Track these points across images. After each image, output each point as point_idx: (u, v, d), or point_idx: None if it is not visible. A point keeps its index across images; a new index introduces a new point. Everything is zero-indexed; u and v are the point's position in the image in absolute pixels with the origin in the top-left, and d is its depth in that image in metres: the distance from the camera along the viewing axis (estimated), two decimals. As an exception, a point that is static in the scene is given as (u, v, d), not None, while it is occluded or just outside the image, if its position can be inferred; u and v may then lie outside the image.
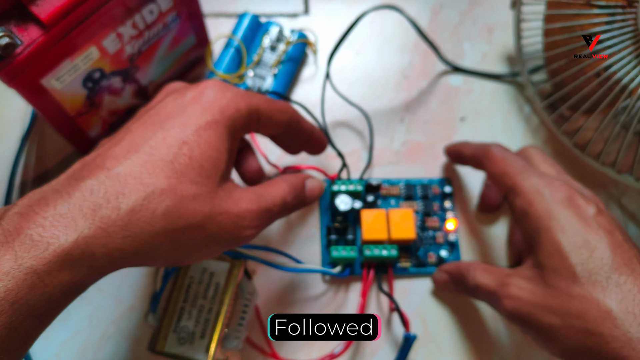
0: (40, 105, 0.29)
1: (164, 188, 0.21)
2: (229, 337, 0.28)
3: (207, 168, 0.23)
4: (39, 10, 0.25)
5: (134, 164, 0.21)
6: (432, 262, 0.34)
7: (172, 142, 0.22)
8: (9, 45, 0.25)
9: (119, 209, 0.20)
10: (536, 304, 0.25)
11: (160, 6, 0.31)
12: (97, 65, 0.30)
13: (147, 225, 0.21)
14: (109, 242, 0.20)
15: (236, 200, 0.24)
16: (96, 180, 0.21)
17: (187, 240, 0.22)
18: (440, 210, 0.36)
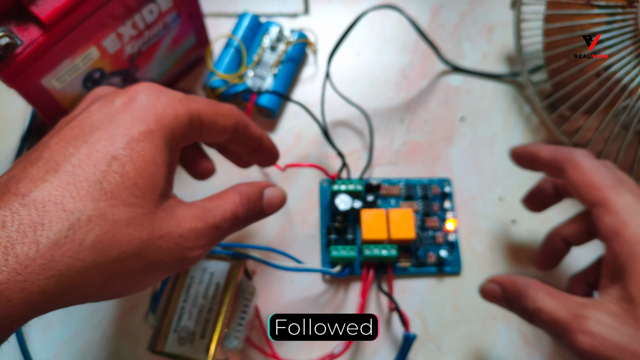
0: (40, 106, 0.29)
1: (92, 214, 0.18)
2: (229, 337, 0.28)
3: (142, 186, 0.20)
4: (39, 10, 0.25)
5: (53, 187, 0.18)
6: (432, 262, 0.34)
7: (100, 159, 0.19)
8: (9, 45, 0.25)
9: (37, 243, 0.17)
10: (622, 348, 0.21)
11: (160, 6, 0.31)
12: (97, 65, 0.30)
13: (74, 260, 0.17)
14: (27, 286, 0.17)
15: (179, 219, 0.21)
16: (8, 210, 0.17)
17: (124, 271, 0.19)
18: (440, 210, 0.36)
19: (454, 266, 0.34)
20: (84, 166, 0.19)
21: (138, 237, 0.19)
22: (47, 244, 0.17)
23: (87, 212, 0.18)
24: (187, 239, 0.21)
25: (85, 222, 0.18)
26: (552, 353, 0.32)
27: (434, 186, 0.36)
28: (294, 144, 0.38)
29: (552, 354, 0.32)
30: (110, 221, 0.18)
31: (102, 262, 0.18)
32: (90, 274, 0.18)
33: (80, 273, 0.18)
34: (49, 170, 0.19)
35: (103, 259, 0.18)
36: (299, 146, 0.38)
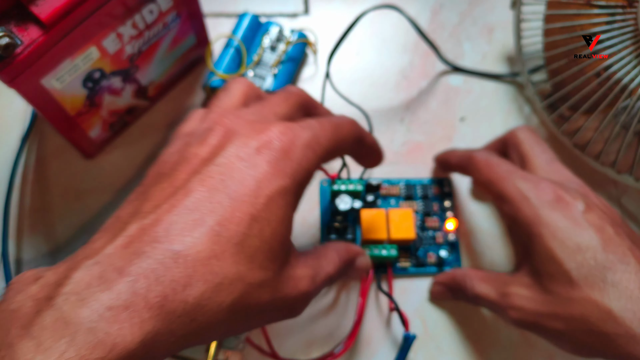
0: (40, 105, 0.29)
1: (233, 277, 0.19)
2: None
3: (275, 250, 0.20)
4: (39, 10, 0.25)
5: (201, 243, 0.18)
6: (432, 262, 0.34)
7: (242, 218, 0.19)
8: (9, 45, 0.25)
9: (185, 302, 0.18)
10: (540, 312, 0.26)
11: (160, 6, 0.31)
12: (97, 65, 0.30)
13: (212, 320, 0.19)
14: (171, 339, 0.18)
15: (296, 281, 0.22)
16: (161, 264, 0.18)
17: (244, 325, 0.21)
18: (440, 210, 0.36)
19: (454, 266, 0.34)
20: (227, 225, 0.19)
21: (264, 300, 0.20)
22: (193, 304, 0.18)
23: (229, 276, 0.19)
24: (299, 301, 0.22)
25: (227, 285, 0.19)
26: (552, 353, 0.32)
27: (434, 186, 0.36)
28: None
29: (552, 354, 0.32)
30: (246, 284, 0.19)
31: (232, 319, 0.19)
32: (219, 328, 0.19)
33: (212, 328, 0.19)
34: (196, 224, 0.19)
35: (234, 317, 0.19)
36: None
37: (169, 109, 0.38)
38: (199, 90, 0.39)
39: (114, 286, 0.17)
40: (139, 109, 0.37)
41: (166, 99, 0.38)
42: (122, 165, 0.36)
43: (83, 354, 0.16)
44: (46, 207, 0.35)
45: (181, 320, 0.18)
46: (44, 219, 0.35)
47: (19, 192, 0.35)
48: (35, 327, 0.16)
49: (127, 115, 0.36)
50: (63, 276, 0.18)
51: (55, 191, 0.36)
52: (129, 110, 0.36)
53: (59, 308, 0.16)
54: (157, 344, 0.17)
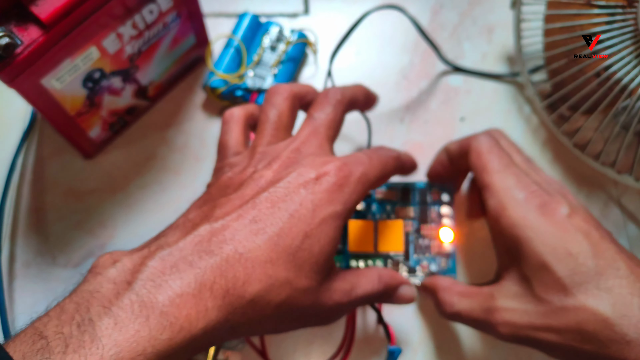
0: (40, 105, 0.29)
1: (283, 281, 0.22)
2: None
3: (321, 264, 0.23)
4: (39, 10, 0.25)
5: (261, 249, 0.22)
6: (425, 273, 0.32)
7: (298, 233, 0.23)
8: (9, 45, 0.25)
9: (242, 297, 0.21)
10: (533, 325, 0.25)
11: (160, 6, 0.31)
12: (97, 65, 0.30)
13: (260, 315, 0.21)
14: (227, 328, 0.21)
15: (332, 292, 0.24)
16: (226, 262, 0.21)
17: (284, 325, 0.24)
18: (438, 218, 0.33)
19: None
20: (285, 237, 0.22)
21: (306, 305, 0.23)
22: (248, 299, 0.21)
23: (280, 279, 0.22)
24: (332, 310, 0.25)
25: (278, 287, 0.22)
26: (552, 353, 0.32)
27: (433, 191, 0.34)
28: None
29: (552, 354, 0.32)
30: (293, 289, 0.22)
31: (277, 317, 0.22)
32: (265, 324, 0.22)
33: (260, 323, 0.22)
34: (259, 232, 0.22)
35: (278, 315, 0.22)
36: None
37: (169, 109, 0.38)
38: (199, 90, 0.39)
39: (185, 276, 0.20)
40: (139, 109, 0.37)
41: (166, 98, 0.38)
42: (122, 165, 0.36)
43: (154, 335, 0.18)
44: (45, 207, 0.35)
45: (236, 312, 0.20)
46: (43, 219, 0.35)
47: (18, 192, 0.35)
48: (114, 307, 0.18)
49: (127, 115, 0.36)
50: (139, 263, 0.20)
51: (55, 191, 0.36)
52: (129, 110, 0.36)
53: (136, 292, 0.19)
54: (217, 332, 0.20)
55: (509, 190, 0.27)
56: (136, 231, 0.35)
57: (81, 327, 0.18)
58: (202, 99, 0.39)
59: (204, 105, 0.39)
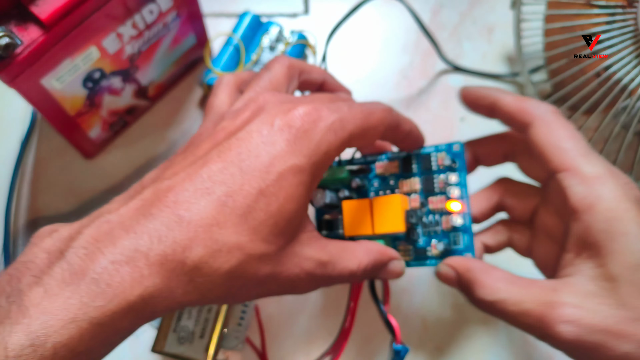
0: (40, 105, 0.29)
1: (232, 246, 0.20)
2: (229, 337, 0.28)
3: (281, 225, 0.21)
4: (38, 10, 0.25)
5: (205, 211, 0.19)
6: (435, 253, 0.27)
7: (250, 191, 0.20)
8: (9, 45, 0.25)
9: (183, 263, 0.19)
10: (607, 330, 0.20)
11: (160, 6, 0.31)
12: (97, 65, 0.30)
13: (207, 282, 0.20)
14: (170, 296, 0.19)
15: (301, 259, 0.22)
16: (166, 226, 0.19)
17: (242, 293, 0.21)
18: (447, 187, 0.27)
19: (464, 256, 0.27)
20: (235, 197, 0.20)
21: (263, 272, 0.21)
22: (190, 266, 0.19)
23: (228, 244, 0.19)
24: (301, 279, 0.22)
25: (226, 252, 0.19)
26: (552, 353, 0.32)
27: (440, 155, 0.28)
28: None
29: (552, 354, 0.32)
30: (246, 254, 0.20)
31: (228, 285, 0.20)
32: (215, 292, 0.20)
33: (209, 290, 0.20)
34: (204, 193, 0.20)
35: (230, 283, 0.20)
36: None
37: (169, 109, 0.38)
38: (199, 90, 0.39)
39: (119, 242, 0.19)
40: (139, 109, 0.37)
41: (166, 99, 0.38)
42: (122, 165, 0.36)
43: (85, 301, 0.17)
44: (46, 206, 0.35)
45: (180, 279, 0.19)
46: (43, 219, 0.35)
47: (18, 192, 0.35)
48: (45, 276, 0.18)
49: (127, 116, 0.36)
50: (75, 232, 0.19)
51: (55, 191, 0.36)
52: (129, 111, 0.36)
53: (68, 260, 0.18)
54: (156, 300, 0.19)
55: (604, 179, 0.22)
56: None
57: (10, 297, 0.17)
58: (201, 98, 0.39)
59: (204, 104, 0.39)
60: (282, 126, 0.21)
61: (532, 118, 0.24)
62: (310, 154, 0.21)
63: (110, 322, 0.18)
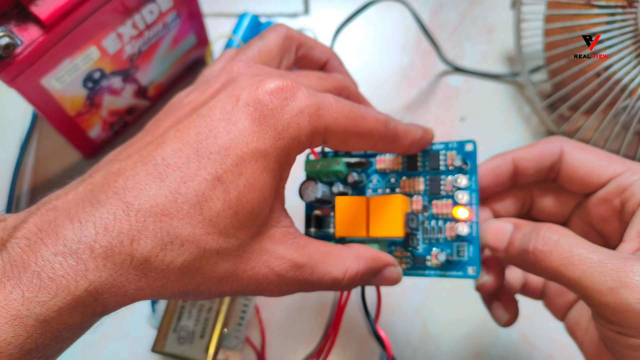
0: (41, 105, 0.29)
1: (186, 239, 0.17)
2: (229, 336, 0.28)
3: (242, 217, 0.18)
4: (39, 10, 0.25)
5: (156, 199, 0.17)
6: (435, 263, 0.24)
7: (205, 177, 0.18)
8: (9, 45, 0.25)
9: (132, 256, 0.17)
10: None
11: (160, 6, 0.31)
12: (97, 65, 0.30)
13: (161, 278, 0.18)
14: (120, 292, 0.17)
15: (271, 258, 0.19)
16: (112, 214, 0.17)
17: (201, 291, 0.19)
18: (455, 190, 0.24)
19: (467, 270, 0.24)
20: (189, 183, 0.18)
21: (223, 269, 0.18)
22: (139, 259, 0.17)
23: (182, 236, 0.17)
24: (270, 282, 0.19)
25: (178, 245, 0.17)
26: (553, 353, 0.32)
27: (449, 153, 0.25)
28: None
29: (552, 354, 0.32)
30: (201, 249, 0.18)
31: (184, 282, 0.18)
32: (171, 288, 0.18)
33: (163, 287, 0.18)
34: (156, 178, 0.18)
35: (186, 280, 0.18)
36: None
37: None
38: None
39: (62, 232, 0.17)
40: (139, 109, 0.37)
41: (166, 99, 0.38)
42: None
43: (28, 296, 0.16)
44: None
45: (129, 273, 0.17)
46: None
47: (19, 192, 0.35)
48: None
49: (127, 116, 0.36)
50: (21, 221, 0.18)
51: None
52: (129, 111, 0.36)
53: (9, 252, 0.17)
54: (105, 295, 0.17)
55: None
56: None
57: None
58: None
59: None
60: (248, 101, 0.19)
61: (559, 149, 0.24)
62: (275, 136, 0.19)
63: (57, 317, 0.16)
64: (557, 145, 0.24)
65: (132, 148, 0.19)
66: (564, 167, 0.23)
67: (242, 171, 0.18)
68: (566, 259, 0.19)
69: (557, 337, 0.33)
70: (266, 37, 0.23)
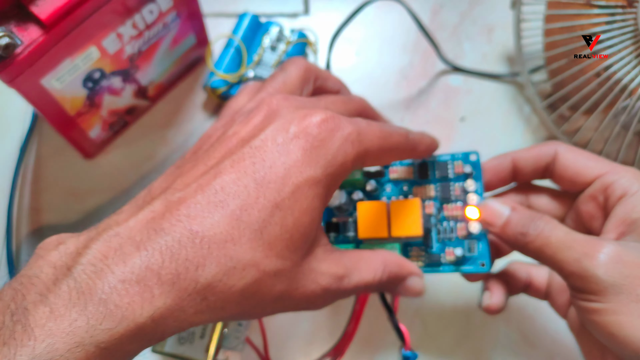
0: (41, 105, 0.29)
1: (247, 263, 0.19)
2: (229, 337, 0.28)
3: (296, 240, 0.20)
4: (39, 10, 0.25)
5: (219, 226, 0.19)
6: (450, 260, 0.27)
7: (265, 205, 0.19)
8: (9, 45, 0.25)
9: (196, 281, 0.18)
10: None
11: (160, 6, 0.31)
12: (97, 65, 0.30)
13: (221, 301, 0.19)
14: (181, 316, 0.18)
15: (317, 275, 0.21)
16: (178, 242, 0.18)
17: (256, 311, 0.20)
18: (464, 194, 0.28)
19: (478, 264, 0.27)
20: (250, 211, 0.19)
21: (278, 290, 0.20)
22: (203, 284, 0.18)
23: (243, 261, 0.19)
24: (317, 296, 0.21)
25: (240, 269, 0.19)
26: (553, 353, 0.32)
27: (456, 163, 0.29)
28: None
29: (552, 354, 0.32)
30: (260, 271, 0.19)
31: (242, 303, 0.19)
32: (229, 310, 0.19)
33: (222, 309, 0.19)
34: (218, 206, 0.19)
35: (244, 301, 0.19)
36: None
37: (170, 109, 0.38)
38: (199, 90, 0.39)
39: (129, 260, 0.18)
40: (139, 109, 0.37)
41: (166, 99, 0.38)
42: (122, 165, 0.36)
43: (92, 324, 0.16)
44: (46, 207, 0.35)
45: (192, 298, 0.18)
46: (43, 219, 0.35)
47: (19, 192, 0.35)
48: (51, 294, 0.17)
49: (127, 116, 0.36)
50: (83, 245, 0.18)
51: (55, 191, 0.36)
52: (129, 111, 0.36)
53: (75, 278, 0.17)
54: (168, 320, 0.18)
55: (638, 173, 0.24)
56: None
57: (15, 316, 0.16)
58: (202, 99, 0.39)
59: (205, 105, 0.39)
60: (298, 134, 0.20)
61: (553, 151, 0.26)
62: (326, 164, 0.20)
63: (118, 345, 0.17)
64: (552, 148, 0.26)
65: (187, 177, 0.21)
66: (557, 167, 0.26)
67: (298, 198, 0.20)
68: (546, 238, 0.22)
69: (557, 337, 0.33)
70: (288, 70, 0.25)
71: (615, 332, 0.20)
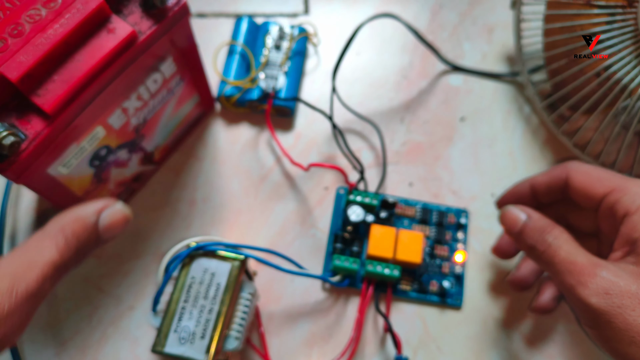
0: (47, 193, 0.27)
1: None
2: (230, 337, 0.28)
3: None
4: (41, 100, 0.23)
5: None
6: (434, 290, 0.33)
7: None
8: (14, 143, 0.22)
9: None
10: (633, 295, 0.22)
11: (164, 74, 0.30)
12: (104, 143, 0.29)
13: None
14: None
15: None
16: None
17: None
18: (452, 241, 0.35)
19: (456, 299, 0.33)
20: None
21: None
22: None
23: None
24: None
25: None
26: (553, 353, 0.32)
27: (450, 215, 0.35)
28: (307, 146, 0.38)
29: (552, 355, 0.32)
30: None
31: None
32: None
33: None
34: None
35: None
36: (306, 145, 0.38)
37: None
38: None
39: None
40: (145, 175, 0.35)
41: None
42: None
43: None
44: (45, 207, 0.35)
45: None
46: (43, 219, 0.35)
47: (18, 192, 0.35)
48: None
49: (134, 183, 0.35)
50: None
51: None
52: (136, 178, 0.35)
53: None
54: None
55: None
56: (137, 230, 0.35)
57: None
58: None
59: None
60: None
61: (565, 174, 0.28)
62: None
63: None
64: (563, 170, 0.28)
65: None
66: (570, 189, 0.28)
67: None
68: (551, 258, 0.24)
69: (557, 337, 0.33)
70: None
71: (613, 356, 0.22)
